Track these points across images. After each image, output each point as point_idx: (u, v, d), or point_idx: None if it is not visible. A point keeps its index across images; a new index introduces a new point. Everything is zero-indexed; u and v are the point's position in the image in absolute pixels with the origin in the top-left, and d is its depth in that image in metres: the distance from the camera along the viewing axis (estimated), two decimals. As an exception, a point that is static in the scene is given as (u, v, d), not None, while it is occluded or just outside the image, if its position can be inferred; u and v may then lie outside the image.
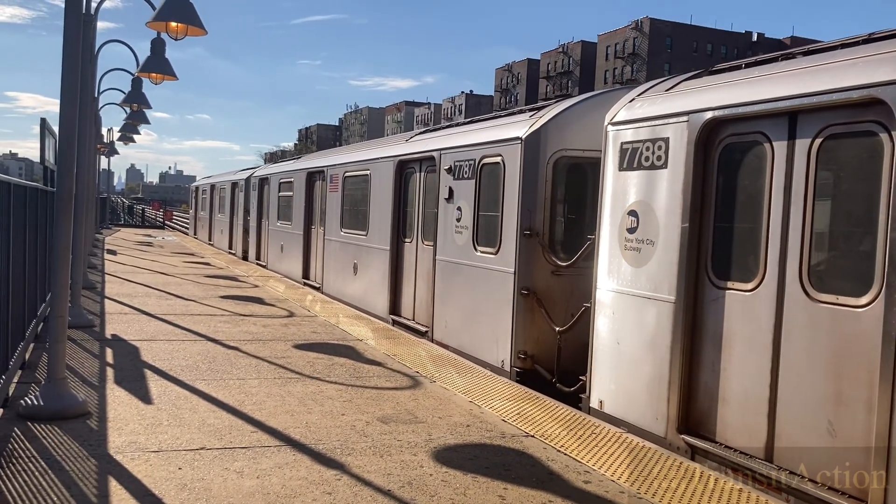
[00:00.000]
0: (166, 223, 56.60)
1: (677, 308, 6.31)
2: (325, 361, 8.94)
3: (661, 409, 6.46)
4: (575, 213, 9.13)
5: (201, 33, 9.84)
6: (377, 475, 5.23)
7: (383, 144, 15.01)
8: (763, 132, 5.69)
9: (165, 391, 7.18)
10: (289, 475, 5.13)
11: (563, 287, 8.69)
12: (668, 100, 6.72)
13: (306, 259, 18.12)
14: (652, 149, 6.66)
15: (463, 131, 11.09)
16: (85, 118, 11.08)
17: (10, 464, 5.00)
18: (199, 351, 9.15)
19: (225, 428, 6.11)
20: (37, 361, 8.10)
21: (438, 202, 10.79)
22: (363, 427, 6.36)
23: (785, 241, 5.47)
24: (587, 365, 7.50)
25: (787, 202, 5.46)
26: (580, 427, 6.69)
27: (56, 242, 6.32)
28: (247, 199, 25.39)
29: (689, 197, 6.22)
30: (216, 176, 35.86)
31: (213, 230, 32.84)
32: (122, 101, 19.21)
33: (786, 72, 5.74)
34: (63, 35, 6.23)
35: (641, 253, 6.76)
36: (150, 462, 5.21)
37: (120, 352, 8.90)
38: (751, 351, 5.72)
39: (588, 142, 8.41)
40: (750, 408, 5.70)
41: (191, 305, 13.01)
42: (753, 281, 5.73)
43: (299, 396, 7.24)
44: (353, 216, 14.92)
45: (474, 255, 9.79)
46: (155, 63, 12.78)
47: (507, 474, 5.41)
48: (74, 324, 9.71)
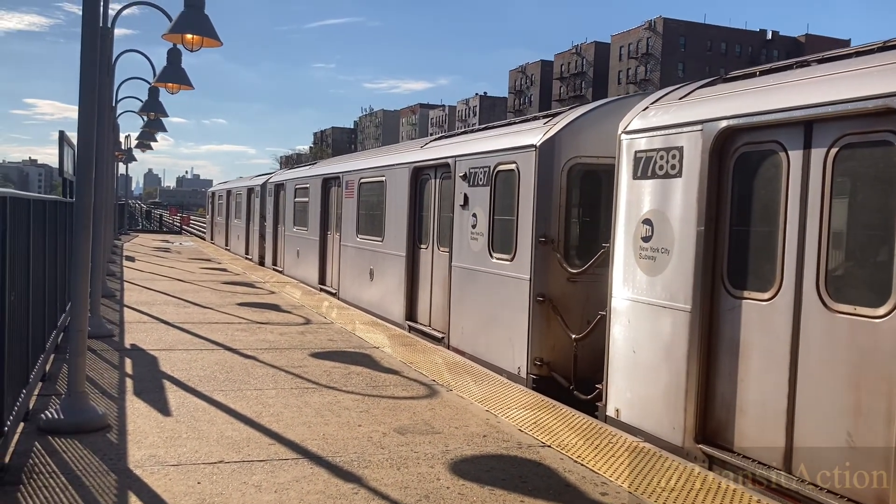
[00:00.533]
0: (184, 228, 56.99)
1: (693, 317, 6.29)
2: (342, 370, 8.98)
3: (677, 419, 6.44)
4: (590, 219, 9.12)
5: (216, 44, 9.89)
6: (394, 489, 5.25)
7: (398, 151, 15.05)
8: (778, 141, 5.67)
9: (184, 402, 7.24)
10: (306, 489, 5.16)
11: (579, 294, 8.67)
12: (682, 108, 6.70)
13: (322, 265, 18.19)
14: (666, 157, 6.65)
15: (477, 138, 11.11)
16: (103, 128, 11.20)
17: (31, 480, 5.06)
18: (216, 360, 9.21)
19: (243, 440, 6.15)
20: (57, 372, 8.19)
21: (454, 209, 10.81)
22: (380, 438, 6.38)
23: (801, 251, 5.44)
24: (603, 372, 7.49)
25: (803, 212, 5.43)
26: (597, 436, 6.68)
27: (76, 259, 6.39)
28: (263, 204, 25.52)
29: (704, 206, 6.20)
30: (232, 182, 36.09)
31: (229, 236, 33.03)
32: (139, 111, 19.37)
33: (801, 80, 5.71)
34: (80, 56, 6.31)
35: (656, 262, 6.75)
36: (169, 476, 5.26)
37: (139, 362, 8.98)
38: (768, 361, 5.69)
39: (602, 149, 8.40)
40: (767, 418, 5.67)
41: (208, 313, 13.10)
42: (770, 290, 5.71)
43: (316, 407, 7.27)
44: (368, 222, 14.97)
45: (490, 262, 9.80)
46: (171, 73, 12.87)
47: (524, 486, 5.41)
48: (94, 334, 9.81)
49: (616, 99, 9.24)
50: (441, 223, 11.63)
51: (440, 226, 11.68)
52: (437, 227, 11.80)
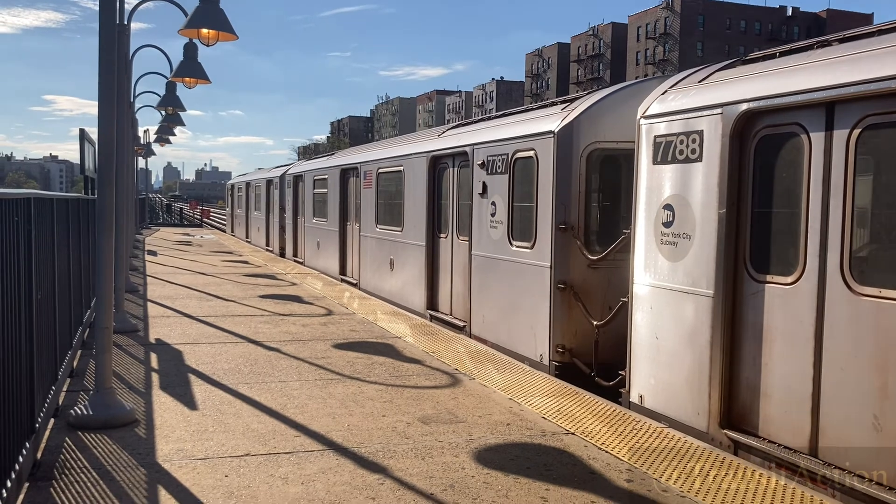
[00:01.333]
0: (204, 221, 57.37)
1: (716, 302, 6.26)
2: (365, 361, 9.03)
3: (702, 404, 6.41)
4: (610, 205, 9.08)
5: (232, 38, 9.93)
6: (419, 478, 5.28)
7: (416, 140, 15.04)
8: (800, 123, 5.60)
9: (210, 396, 7.31)
10: (332, 480, 5.21)
11: (600, 280, 8.65)
12: (702, 92, 6.64)
13: (342, 256, 18.26)
14: (686, 142, 6.59)
15: (495, 125, 11.08)
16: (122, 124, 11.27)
17: (63, 475, 5.15)
18: (240, 353, 9.30)
19: (269, 433, 6.21)
20: (84, 368, 8.30)
21: (472, 197, 10.79)
22: (404, 428, 6.42)
23: (825, 234, 5.38)
24: (626, 359, 7.47)
25: (826, 194, 5.37)
26: (621, 423, 6.67)
27: (100, 257, 6.46)
28: (282, 196, 25.63)
29: (725, 190, 6.15)
30: (251, 174, 36.25)
31: (249, 228, 33.23)
32: (157, 105, 19.49)
33: (822, 60, 5.63)
34: (98, 53, 6.35)
35: (678, 247, 6.71)
36: (197, 470, 5.33)
37: (164, 356, 9.07)
38: (792, 345, 5.65)
39: (621, 134, 8.35)
40: (793, 403, 5.63)
41: (231, 306, 13.20)
42: (793, 274, 5.66)
43: (340, 398, 7.32)
44: (387, 212, 14.99)
45: (510, 250, 9.79)
46: (188, 68, 12.95)
47: (549, 474, 5.43)
48: (119, 329, 9.94)
49: (634, 83, 9.17)
50: (460, 212, 11.63)
51: (459, 214, 11.68)
52: (457, 216, 11.80)
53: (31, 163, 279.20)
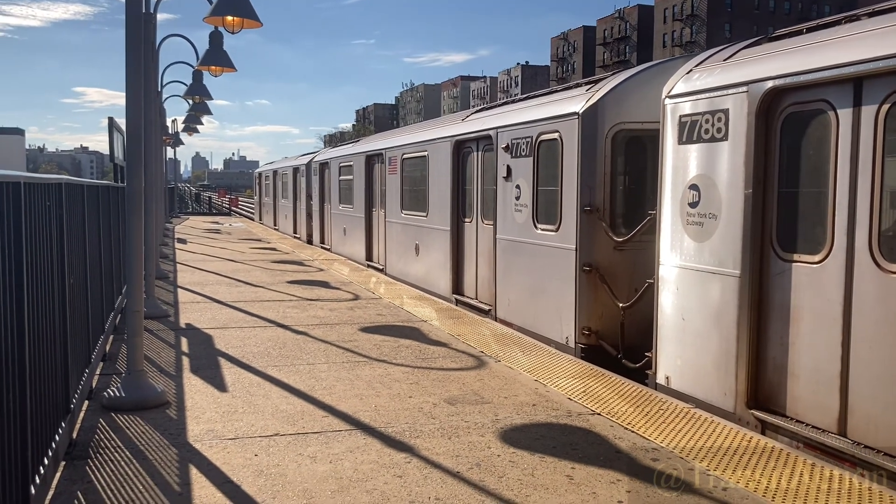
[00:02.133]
0: (232, 209, 57.88)
1: (742, 282, 6.22)
2: (392, 344, 9.10)
3: (729, 385, 6.39)
4: (635, 186, 9.03)
5: (257, 25, 10.00)
6: (446, 457, 5.33)
7: (439, 125, 15.04)
8: (826, 100, 5.53)
9: (239, 378, 7.42)
10: (360, 459, 5.28)
11: (626, 262, 8.62)
12: (727, 70, 6.57)
13: (369, 241, 18.36)
14: (711, 121, 6.54)
15: (519, 108, 11.04)
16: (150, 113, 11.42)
17: (98, 454, 5.27)
18: (269, 337, 9.41)
19: (297, 413, 6.30)
20: (116, 352, 8.46)
21: (497, 181, 10.79)
22: (430, 409, 6.47)
23: (853, 212, 5.32)
24: (652, 340, 7.46)
25: (853, 172, 5.31)
26: (647, 403, 6.67)
27: (129, 241, 6.58)
28: (308, 183, 25.78)
29: (752, 169, 6.09)
30: (278, 162, 36.48)
31: (277, 215, 33.47)
32: (184, 94, 19.66)
33: (850, 36, 5.55)
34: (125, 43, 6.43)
35: (704, 227, 6.67)
36: (227, 449, 5.42)
37: (194, 340, 9.21)
38: (820, 324, 5.61)
39: (646, 114, 8.29)
40: (820, 382, 5.60)
41: (259, 292, 13.35)
42: (820, 253, 5.61)
43: (367, 380, 7.39)
44: (412, 197, 15.03)
45: (535, 233, 9.78)
46: (214, 56, 13.04)
47: (575, 453, 5.45)
48: (150, 314, 10.10)
49: (659, 62, 9.09)
50: (484, 196, 11.63)
51: (484, 198, 11.68)
52: (481, 200, 11.80)
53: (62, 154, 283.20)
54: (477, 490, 4.79)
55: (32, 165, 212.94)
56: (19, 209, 3.98)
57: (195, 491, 4.71)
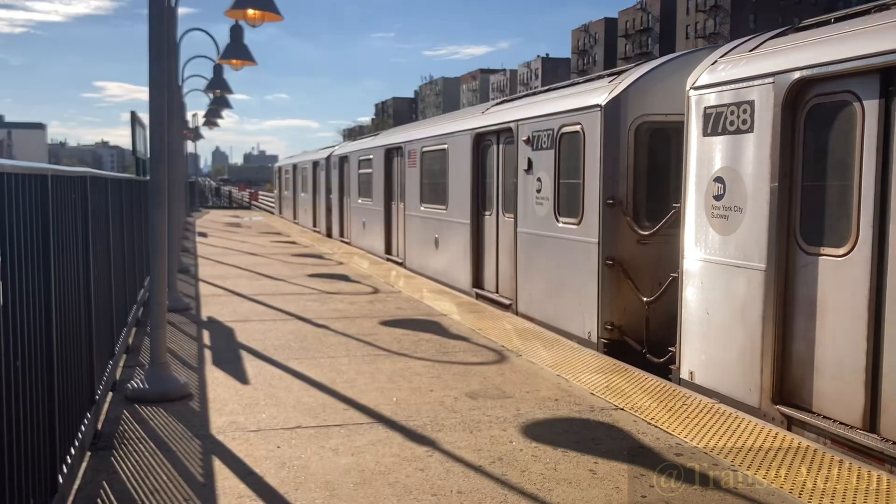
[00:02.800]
0: (252, 203, 58.16)
1: (768, 276, 6.14)
2: (412, 337, 9.09)
3: (753, 380, 6.32)
4: (659, 179, 8.94)
5: (278, 19, 9.99)
6: (468, 451, 5.31)
7: (459, 117, 14.99)
8: (852, 91, 5.44)
9: (261, 371, 7.44)
10: (382, 452, 5.27)
11: (649, 256, 8.55)
12: (753, 61, 6.48)
13: (388, 235, 18.36)
14: (737, 113, 6.45)
15: (540, 100, 10.98)
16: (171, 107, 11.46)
17: (122, 445, 5.31)
18: (290, 330, 9.43)
19: (319, 406, 6.31)
20: (139, 345, 8.52)
21: (518, 174, 10.73)
22: (452, 403, 6.46)
23: (879, 204, 5.23)
24: (676, 335, 7.39)
25: (880, 164, 5.21)
26: (671, 398, 6.62)
27: (152, 234, 6.61)
28: (328, 177, 25.83)
29: (777, 161, 6.01)
30: (298, 156, 36.59)
31: (297, 209, 33.59)
32: (205, 88, 19.75)
33: (877, 25, 5.45)
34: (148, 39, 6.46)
35: (729, 220, 6.59)
36: (249, 441, 5.44)
37: (216, 333, 9.26)
38: (845, 318, 5.52)
39: (670, 106, 8.19)
40: (847, 377, 5.52)
41: (280, 285, 13.40)
42: (846, 246, 5.52)
43: (388, 373, 7.39)
44: (432, 191, 15.00)
45: (556, 227, 9.73)
46: (234, 50, 13.06)
47: (597, 448, 5.41)
48: (172, 307, 10.16)
49: (683, 54, 8.99)
50: (505, 189, 11.58)
51: (504, 191, 11.63)
52: (502, 193, 11.75)
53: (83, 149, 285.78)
54: (499, 484, 4.77)
55: (54, 160, 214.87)
56: (46, 201, 4.00)
57: (218, 482, 4.73)
